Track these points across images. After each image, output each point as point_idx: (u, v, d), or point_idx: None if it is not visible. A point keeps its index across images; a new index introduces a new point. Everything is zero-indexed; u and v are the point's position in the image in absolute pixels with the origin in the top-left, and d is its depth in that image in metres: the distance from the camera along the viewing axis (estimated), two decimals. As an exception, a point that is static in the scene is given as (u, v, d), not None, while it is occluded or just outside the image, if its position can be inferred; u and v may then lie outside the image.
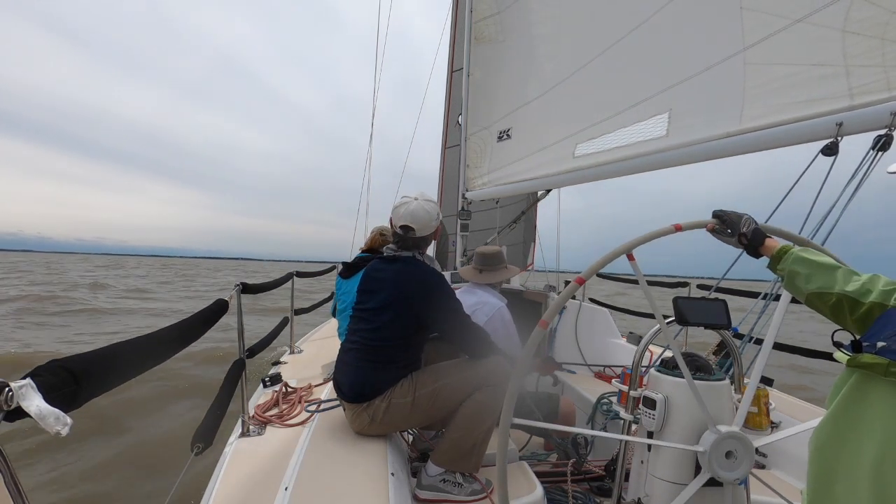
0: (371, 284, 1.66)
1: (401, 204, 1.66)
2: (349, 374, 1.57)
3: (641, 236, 1.06)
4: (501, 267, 2.22)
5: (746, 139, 1.86)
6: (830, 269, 0.89)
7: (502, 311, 2.03)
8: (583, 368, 2.95)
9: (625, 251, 1.05)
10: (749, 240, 1.06)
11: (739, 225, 1.08)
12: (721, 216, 1.12)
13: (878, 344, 0.72)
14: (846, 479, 0.74)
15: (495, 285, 2.20)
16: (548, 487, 1.64)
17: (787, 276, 0.98)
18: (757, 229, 1.07)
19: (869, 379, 0.73)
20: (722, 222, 1.11)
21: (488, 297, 2.08)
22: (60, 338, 8.52)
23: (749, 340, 1.86)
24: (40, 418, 0.56)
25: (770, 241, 1.05)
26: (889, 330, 0.74)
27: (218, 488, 1.27)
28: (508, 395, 0.99)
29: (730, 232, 1.10)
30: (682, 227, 1.09)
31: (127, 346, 0.86)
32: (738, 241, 1.09)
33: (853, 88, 1.57)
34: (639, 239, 1.06)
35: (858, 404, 0.74)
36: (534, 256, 6.54)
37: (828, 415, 0.79)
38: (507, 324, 2.01)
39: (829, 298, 0.86)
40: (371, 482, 1.27)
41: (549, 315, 1.02)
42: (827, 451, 0.79)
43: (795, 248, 0.99)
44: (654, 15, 2.24)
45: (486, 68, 3.40)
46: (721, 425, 1.08)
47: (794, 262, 0.96)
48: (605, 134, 2.51)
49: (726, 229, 1.11)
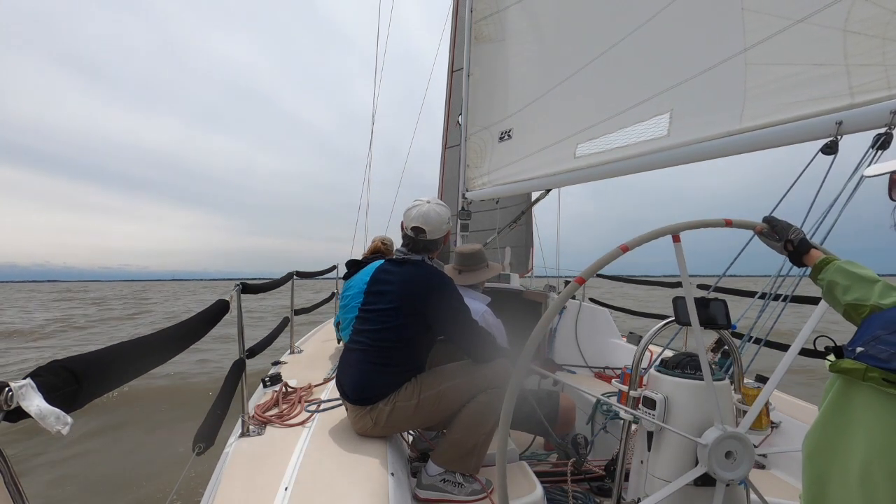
0: (379, 286, 1.66)
1: (413, 206, 1.67)
2: (352, 376, 1.57)
3: (691, 221, 1.08)
4: (482, 266, 2.15)
5: (746, 138, 1.86)
6: (869, 281, 0.89)
7: (486, 315, 1.98)
8: (583, 368, 2.95)
9: (671, 232, 1.06)
10: (795, 247, 1.11)
11: (788, 232, 1.13)
12: (771, 222, 1.17)
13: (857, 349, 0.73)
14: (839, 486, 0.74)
15: (477, 286, 2.14)
16: (548, 487, 1.64)
17: (827, 286, 1.00)
18: (804, 239, 1.12)
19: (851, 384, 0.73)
20: (772, 228, 1.16)
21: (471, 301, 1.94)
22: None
23: (748, 340, 1.86)
24: (40, 418, 0.56)
25: (815, 251, 1.09)
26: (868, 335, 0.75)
27: (218, 488, 1.27)
28: (508, 395, 0.99)
29: (777, 238, 1.15)
30: (733, 224, 1.13)
31: (128, 346, 0.87)
32: (784, 247, 1.14)
33: (853, 87, 1.57)
34: (688, 224, 1.07)
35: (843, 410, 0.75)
36: (533, 261, 6.54)
37: (816, 421, 0.80)
38: (490, 327, 1.96)
39: (863, 311, 0.86)
40: (371, 482, 1.27)
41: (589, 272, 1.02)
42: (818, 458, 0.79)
43: (838, 260, 1.02)
44: (655, 16, 2.24)
45: (487, 68, 3.40)
46: (712, 428, 1.08)
47: (835, 272, 0.98)
48: (606, 134, 2.51)
49: (774, 235, 1.16)
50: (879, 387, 0.68)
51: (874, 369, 0.69)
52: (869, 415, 0.70)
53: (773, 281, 1.77)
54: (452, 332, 1.58)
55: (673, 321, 1.31)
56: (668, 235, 1.06)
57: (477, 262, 2.15)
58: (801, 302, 1.90)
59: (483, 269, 2.16)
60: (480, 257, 2.17)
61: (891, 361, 0.68)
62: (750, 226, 1.18)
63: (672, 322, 1.36)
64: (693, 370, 1.22)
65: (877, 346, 0.72)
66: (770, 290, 1.79)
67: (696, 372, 1.22)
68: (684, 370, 1.23)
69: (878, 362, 0.69)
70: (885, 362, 0.68)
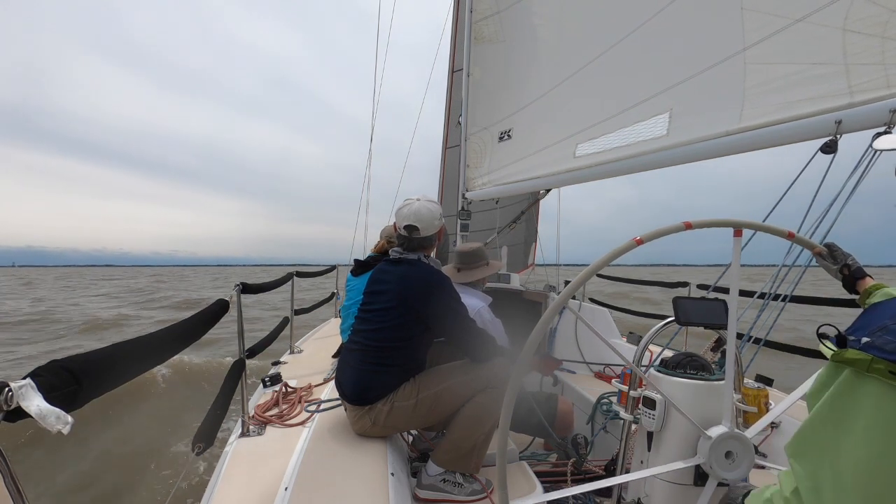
0: (376, 286, 1.66)
1: (404, 205, 1.67)
2: (351, 376, 1.57)
3: (756, 223, 1.10)
4: (482, 264, 2.16)
5: (745, 137, 1.86)
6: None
7: (482, 312, 1.98)
8: (583, 368, 2.95)
9: (735, 226, 1.06)
10: (851, 272, 1.17)
11: (846, 259, 1.20)
12: (832, 247, 1.24)
13: (863, 339, 0.70)
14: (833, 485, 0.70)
15: (477, 284, 2.15)
16: (548, 487, 1.64)
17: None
18: (860, 268, 1.19)
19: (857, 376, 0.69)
20: (831, 252, 1.23)
21: (469, 298, 2.00)
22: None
23: (748, 340, 1.86)
24: (41, 417, 0.56)
25: (868, 279, 1.15)
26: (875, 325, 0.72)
27: (218, 488, 1.27)
28: (508, 395, 0.99)
29: (834, 262, 1.22)
30: (795, 239, 1.17)
31: (128, 346, 0.87)
32: (840, 272, 1.20)
33: (853, 86, 1.57)
34: (753, 223, 1.08)
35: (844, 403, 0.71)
36: (534, 257, 6.55)
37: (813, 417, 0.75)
38: (487, 323, 1.97)
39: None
40: (371, 482, 1.27)
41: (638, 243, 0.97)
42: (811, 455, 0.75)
43: (888, 287, 1.06)
44: (655, 16, 2.24)
45: (487, 68, 3.40)
46: (719, 426, 1.08)
47: (882, 296, 1.03)
48: (605, 134, 2.51)
49: (832, 259, 1.23)
50: (884, 379, 0.64)
51: (880, 360, 0.65)
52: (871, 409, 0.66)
53: (773, 281, 1.77)
54: (449, 331, 1.58)
55: (673, 321, 1.31)
56: (730, 228, 1.07)
57: (476, 260, 2.16)
58: (801, 302, 1.90)
59: (482, 266, 2.16)
60: (480, 255, 2.18)
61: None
62: (810, 246, 1.24)
63: (672, 322, 1.36)
64: (693, 370, 1.22)
65: (884, 337, 0.68)
66: (769, 290, 1.79)
67: (696, 372, 1.22)
68: (684, 370, 1.23)
69: (885, 353, 0.65)
70: (893, 354, 0.65)
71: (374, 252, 2.58)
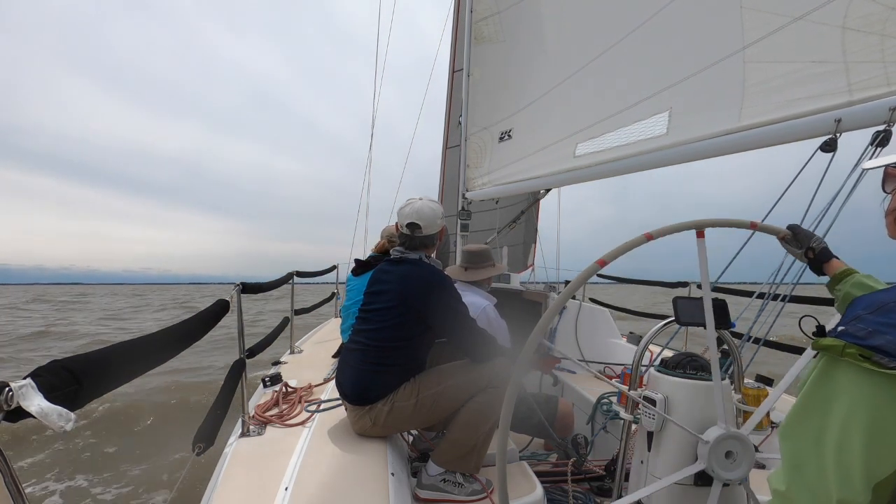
0: (377, 286, 1.66)
1: (406, 204, 1.68)
2: (351, 376, 1.57)
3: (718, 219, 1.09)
4: (488, 265, 2.21)
5: (745, 136, 1.86)
6: None
7: (487, 309, 2.01)
8: (583, 368, 2.94)
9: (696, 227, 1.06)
10: (816, 255, 1.14)
11: (810, 241, 1.16)
12: (795, 229, 1.20)
13: (839, 328, 0.77)
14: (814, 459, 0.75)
15: (483, 284, 2.19)
16: (548, 487, 1.64)
17: (843, 297, 1.02)
18: (826, 249, 1.15)
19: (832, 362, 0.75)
20: (794, 235, 1.19)
21: (474, 296, 2.06)
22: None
23: (748, 340, 1.86)
24: (42, 416, 0.56)
25: (836, 261, 1.11)
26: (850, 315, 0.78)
27: (218, 488, 1.27)
28: (508, 395, 0.99)
29: (799, 245, 1.18)
30: (758, 227, 1.14)
31: (128, 346, 0.87)
32: (805, 255, 1.17)
33: (852, 84, 1.57)
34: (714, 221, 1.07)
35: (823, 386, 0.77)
36: (534, 257, 6.55)
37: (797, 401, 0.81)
38: (492, 322, 2.00)
39: None
40: (371, 482, 1.27)
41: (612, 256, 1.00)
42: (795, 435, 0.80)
43: (858, 273, 1.04)
44: (654, 15, 2.24)
45: (487, 68, 3.40)
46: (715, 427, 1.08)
47: (853, 285, 1.01)
48: (605, 133, 2.51)
49: (797, 242, 1.18)
50: (855, 362, 0.71)
51: (852, 346, 0.71)
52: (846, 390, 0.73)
53: (772, 280, 1.76)
54: (450, 330, 1.58)
55: (673, 321, 1.31)
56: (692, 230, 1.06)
57: (483, 261, 2.20)
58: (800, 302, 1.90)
59: (488, 267, 2.21)
60: (487, 256, 2.23)
61: (867, 338, 0.71)
62: (774, 231, 1.20)
63: (672, 322, 1.36)
64: (693, 370, 1.22)
65: (856, 325, 0.75)
66: (769, 290, 1.78)
67: (696, 372, 1.22)
68: (684, 370, 1.23)
69: (856, 339, 0.72)
70: (863, 339, 0.71)
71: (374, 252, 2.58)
